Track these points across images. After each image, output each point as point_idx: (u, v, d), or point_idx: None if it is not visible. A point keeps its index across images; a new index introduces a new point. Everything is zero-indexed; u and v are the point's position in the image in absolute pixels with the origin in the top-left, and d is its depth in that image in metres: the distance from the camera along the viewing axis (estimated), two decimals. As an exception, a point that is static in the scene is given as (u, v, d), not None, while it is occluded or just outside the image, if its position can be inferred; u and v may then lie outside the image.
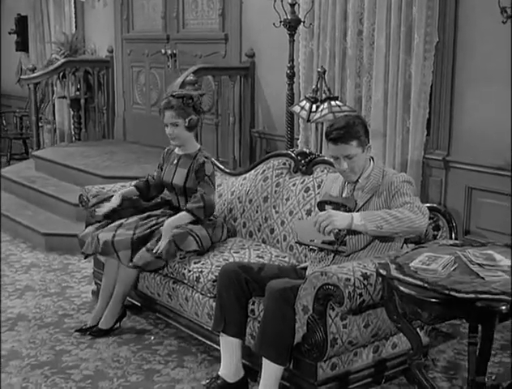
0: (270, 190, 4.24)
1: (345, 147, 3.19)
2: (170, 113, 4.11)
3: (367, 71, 5.07)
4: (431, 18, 4.64)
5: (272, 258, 3.89)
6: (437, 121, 4.76)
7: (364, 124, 3.28)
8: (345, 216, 3.03)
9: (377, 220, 2.98)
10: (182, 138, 4.18)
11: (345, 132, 3.19)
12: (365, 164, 3.29)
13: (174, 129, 4.13)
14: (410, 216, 3.00)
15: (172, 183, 4.24)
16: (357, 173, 3.28)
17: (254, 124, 6.28)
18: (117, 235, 4.05)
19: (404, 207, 3.05)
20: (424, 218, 3.03)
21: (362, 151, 3.24)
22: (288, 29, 5.18)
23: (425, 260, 2.79)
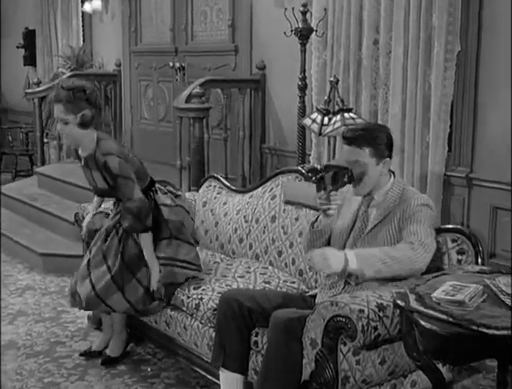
0: (279, 209, 3.93)
1: (356, 152, 2.93)
2: (59, 108, 3.52)
3: (383, 83, 4.76)
4: (452, 25, 4.33)
5: (280, 284, 3.57)
6: (458, 135, 4.44)
7: (388, 136, 3.00)
8: (339, 258, 2.77)
9: (375, 264, 2.75)
10: (75, 137, 3.60)
11: (361, 135, 2.93)
12: (381, 178, 3.00)
13: (64, 127, 3.55)
14: (410, 257, 2.78)
15: (99, 189, 3.74)
16: (367, 187, 2.99)
17: (265, 139, 5.99)
18: (95, 280, 3.59)
19: (405, 245, 2.81)
20: (426, 256, 2.82)
21: (376, 164, 2.95)
22: (299, 38, 4.90)
23: (449, 290, 2.46)
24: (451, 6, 4.30)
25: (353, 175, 2.92)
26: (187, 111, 5.25)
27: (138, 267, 3.60)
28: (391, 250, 2.82)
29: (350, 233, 3.09)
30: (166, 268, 3.60)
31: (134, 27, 7.61)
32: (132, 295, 3.57)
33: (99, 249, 3.66)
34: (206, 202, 4.43)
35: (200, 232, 4.38)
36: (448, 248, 3.07)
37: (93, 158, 3.56)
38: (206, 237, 4.33)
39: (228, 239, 4.17)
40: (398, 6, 4.54)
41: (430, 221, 2.93)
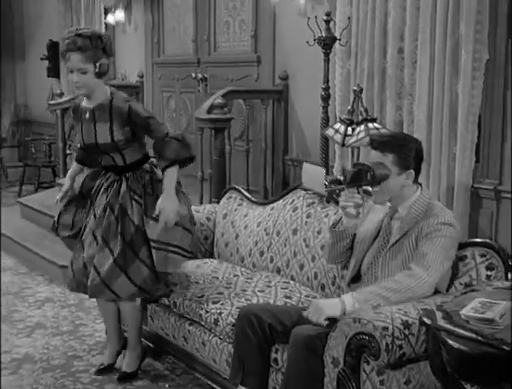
0: (300, 221, 3.82)
1: (380, 156, 2.83)
2: (77, 57, 3.36)
3: (409, 92, 4.64)
4: (480, 33, 4.20)
5: (301, 299, 3.46)
6: (487, 146, 4.30)
7: (417, 149, 2.89)
8: (335, 303, 2.69)
9: (372, 300, 2.66)
10: (91, 87, 3.47)
11: (387, 141, 2.85)
12: (405, 190, 2.89)
13: (82, 76, 3.39)
14: (409, 285, 2.69)
15: (97, 144, 3.53)
16: (385, 195, 2.90)
17: (288, 150, 5.89)
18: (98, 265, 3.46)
19: (403, 275, 2.72)
20: (428, 280, 2.72)
21: (398, 173, 2.84)
22: (322, 48, 4.80)
23: (478, 307, 2.34)
24: (479, 14, 4.18)
25: (375, 175, 2.81)
26: (208, 122, 5.17)
27: (139, 247, 3.49)
28: (390, 282, 2.72)
29: (372, 244, 2.99)
30: (159, 253, 3.50)
31: (156, 39, 7.58)
32: (137, 276, 3.46)
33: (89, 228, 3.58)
34: (226, 214, 4.34)
35: (220, 245, 4.29)
36: (476, 263, 2.95)
37: (107, 107, 3.48)
38: (227, 250, 4.24)
39: (248, 252, 4.07)
40: (424, 13, 4.43)
41: (448, 242, 2.80)
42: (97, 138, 3.51)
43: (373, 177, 2.80)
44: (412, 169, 2.87)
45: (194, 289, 3.64)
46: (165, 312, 3.70)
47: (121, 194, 3.53)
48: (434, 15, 4.39)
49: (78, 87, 3.46)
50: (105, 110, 3.48)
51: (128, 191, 3.53)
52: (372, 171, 2.80)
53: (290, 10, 5.65)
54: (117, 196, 3.54)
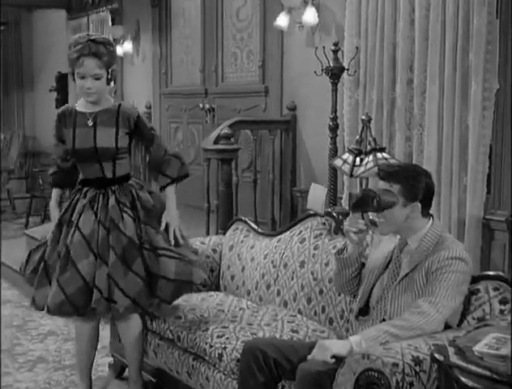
0: (308, 253, 3.74)
1: (386, 186, 2.75)
2: (93, 63, 3.32)
3: (418, 123, 4.58)
4: (490, 62, 4.15)
5: (308, 333, 3.37)
6: (498, 177, 4.22)
7: (427, 182, 2.81)
8: (341, 343, 2.61)
9: (380, 337, 2.58)
10: (101, 94, 3.43)
11: (395, 171, 2.79)
12: (414, 223, 2.80)
13: (95, 82, 3.35)
14: (418, 322, 2.61)
15: (96, 148, 3.43)
16: (388, 226, 2.83)
17: (296, 182, 5.83)
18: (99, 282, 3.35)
19: (412, 313, 2.63)
20: (438, 317, 2.64)
21: (404, 205, 2.76)
22: (330, 77, 4.75)
23: (493, 343, 2.24)
24: (489, 44, 4.13)
25: (381, 201, 2.73)
26: (215, 152, 5.12)
27: (132, 259, 3.41)
28: (398, 320, 2.63)
29: (381, 275, 2.90)
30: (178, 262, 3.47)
31: (164, 69, 7.59)
32: (131, 289, 3.38)
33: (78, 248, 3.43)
34: (232, 245, 4.26)
35: (226, 278, 4.21)
36: (490, 297, 2.85)
37: (115, 112, 3.45)
38: (233, 283, 4.15)
39: (255, 285, 3.98)
40: (433, 44, 4.38)
41: (460, 278, 2.70)
42: (97, 142, 3.43)
43: (379, 204, 2.73)
44: (419, 202, 2.79)
45: (199, 323, 3.55)
46: (169, 346, 3.61)
47: (109, 207, 3.45)
48: (443, 45, 4.35)
49: (90, 94, 3.39)
50: (112, 115, 3.45)
51: (117, 204, 3.47)
52: (378, 197, 2.73)
53: (298, 40, 5.64)
54: (105, 210, 3.46)
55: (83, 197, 3.49)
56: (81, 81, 3.38)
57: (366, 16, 4.85)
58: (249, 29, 6.35)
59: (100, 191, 3.48)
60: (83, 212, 3.44)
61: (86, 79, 3.35)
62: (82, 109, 3.48)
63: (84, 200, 3.47)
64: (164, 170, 3.54)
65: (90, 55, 3.31)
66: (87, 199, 3.47)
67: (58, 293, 3.38)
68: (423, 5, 4.44)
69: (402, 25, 4.59)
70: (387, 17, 4.69)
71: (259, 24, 6.18)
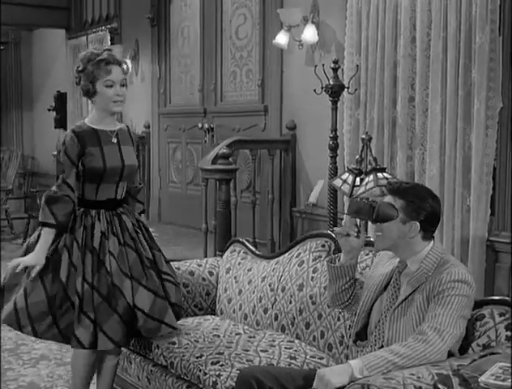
0: (306, 276, 3.62)
1: (389, 200, 2.68)
2: (119, 69, 3.26)
3: (420, 142, 4.50)
4: (493, 81, 4.08)
5: (306, 360, 3.24)
6: (502, 197, 4.14)
7: (432, 206, 2.69)
8: (342, 370, 2.46)
9: (383, 367, 2.44)
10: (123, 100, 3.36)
11: (403, 187, 2.69)
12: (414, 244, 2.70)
13: (123, 89, 3.27)
14: (422, 351, 2.47)
15: (124, 165, 3.32)
16: (383, 241, 2.73)
17: (295, 202, 5.73)
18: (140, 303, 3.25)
19: (415, 340, 2.50)
20: (442, 346, 2.49)
21: (402, 221, 2.66)
22: (330, 95, 4.68)
23: (499, 373, 2.14)
24: (492, 61, 4.07)
25: (379, 212, 2.64)
26: (213, 172, 5.04)
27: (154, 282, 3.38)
28: (401, 348, 2.50)
29: (378, 297, 2.79)
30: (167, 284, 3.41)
31: (163, 89, 7.54)
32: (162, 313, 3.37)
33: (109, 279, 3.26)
34: (229, 268, 4.15)
35: (223, 301, 4.09)
36: (495, 323, 2.72)
37: (126, 131, 3.41)
38: (230, 307, 4.03)
39: (252, 309, 3.86)
40: (435, 61, 4.32)
41: (463, 302, 2.59)
42: (124, 159, 3.32)
43: (377, 214, 2.64)
44: (419, 222, 2.69)
45: (193, 349, 3.42)
46: (162, 373, 3.48)
47: (129, 228, 3.37)
48: (445, 63, 4.29)
49: (119, 102, 3.27)
50: (126, 133, 3.41)
51: (132, 225, 3.40)
52: (378, 208, 2.64)
53: (297, 58, 5.58)
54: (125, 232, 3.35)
55: (96, 220, 3.29)
56: (109, 90, 3.22)
57: (366, 34, 4.79)
58: (249, 48, 6.30)
59: (112, 213, 3.35)
60: (108, 237, 3.28)
61: (114, 86, 3.23)
62: (100, 127, 3.33)
63: (101, 223, 3.28)
64: (141, 198, 3.59)
65: (115, 63, 3.25)
66: (103, 222, 3.29)
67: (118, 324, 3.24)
68: (424, 22, 4.38)
69: (402, 43, 4.53)
70: (388, 34, 4.63)
71: (259, 43, 6.14)
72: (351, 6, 4.90)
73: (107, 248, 3.27)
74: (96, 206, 3.31)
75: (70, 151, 3.25)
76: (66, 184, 3.28)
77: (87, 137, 3.28)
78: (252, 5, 6.24)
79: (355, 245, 2.81)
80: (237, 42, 6.45)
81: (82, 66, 3.28)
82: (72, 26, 9.27)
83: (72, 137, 3.27)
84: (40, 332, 3.26)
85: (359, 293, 2.93)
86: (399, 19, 4.56)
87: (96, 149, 3.27)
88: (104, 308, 3.22)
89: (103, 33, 8.50)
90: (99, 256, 3.26)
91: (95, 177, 3.27)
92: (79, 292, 3.20)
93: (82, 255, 3.24)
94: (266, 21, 5.98)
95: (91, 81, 3.24)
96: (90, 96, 3.30)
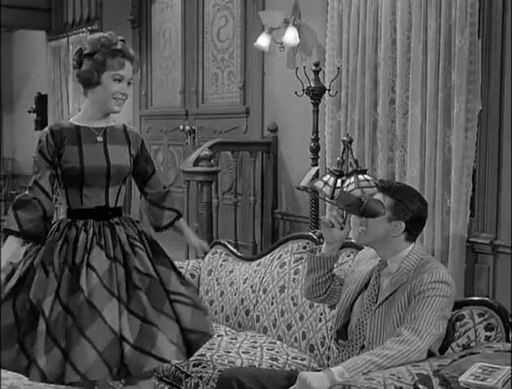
0: (288, 278, 3.63)
1: (380, 198, 2.70)
2: (131, 67, 2.91)
3: (400, 144, 4.52)
4: (473, 83, 4.10)
5: (288, 361, 3.25)
6: (482, 199, 4.16)
7: (420, 208, 2.71)
8: (323, 375, 2.44)
9: (363, 367, 2.44)
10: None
11: (393, 186, 2.71)
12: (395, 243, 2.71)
13: (129, 88, 2.95)
14: (402, 351, 2.48)
15: (109, 166, 2.91)
16: (367, 236, 2.73)
17: (277, 204, 5.74)
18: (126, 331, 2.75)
19: (394, 342, 2.51)
20: (421, 345, 2.51)
21: (388, 219, 2.68)
22: (311, 98, 4.70)
23: (479, 373, 2.15)
24: (471, 64, 4.09)
25: (367, 207, 2.66)
26: (195, 174, 5.04)
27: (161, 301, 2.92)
28: (380, 349, 2.52)
29: (358, 296, 2.81)
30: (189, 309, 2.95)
31: (144, 91, 7.51)
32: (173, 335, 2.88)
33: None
34: (211, 270, 4.15)
35: (205, 303, 4.08)
36: (475, 323, 2.75)
37: (122, 130, 3.03)
38: (211, 309, 4.03)
39: (233, 310, 3.87)
40: (415, 64, 4.34)
41: (443, 302, 2.60)
42: (110, 159, 2.92)
43: (364, 209, 2.66)
44: (404, 222, 2.71)
45: (175, 351, 3.42)
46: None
47: (122, 241, 2.92)
48: (425, 66, 4.31)
49: (122, 101, 2.93)
50: (120, 132, 3.02)
51: (127, 237, 2.96)
52: (366, 203, 2.66)
53: (278, 61, 5.58)
54: (117, 245, 2.92)
55: (83, 231, 2.89)
56: (116, 85, 2.87)
57: (347, 36, 4.81)
58: (230, 50, 6.30)
59: (103, 223, 2.94)
60: (90, 249, 2.86)
61: (122, 82, 2.89)
62: (85, 124, 2.95)
63: (87, 235, 2.89)
64: (169, 204, 3.19)
65: (129, 58, 2.91)
66: (91, 233, 2.90)
67: (89, 352, 2.72)
68: (404, 25, 4.40)
69: (383, 45, 4.55)
70: (368, 37, 4.65)
71: (240, 45, 6.13)
72: (332, 8, 4.92)
73: (85, 261, 2.83)
74: (84, 215, 2.93)
75: (45, 149, 2.90)
76: (38, 186, 2.93)
77: (65, 134, 2.91)
78: (233, 7, 6.24)
79: (338, 236, 2.81)
80: (219, 44, 6.45)
81: (90, 50, 2.89)
82: (53, 27, 9.21)
83: (47, 134, 2.92)
84: (7, 363, 2.79)
85: (336, 289, 2.94)
86: (380, 22, 4.58)
87: (74, 147, 2.90)
88: (74, 332, 2.73)
89: (84, 35, 8.43)
90: (78, 272, 2.82)
91: (74, 180, 2.90)
92: (46, 314, 2.74)
93: (59, 272, 2.81)
94: (248, 23, 5.98)
95: (97, 69, 2.87)
96: (88, 86, 2.91)
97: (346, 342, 2.80)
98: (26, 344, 2.74)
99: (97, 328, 2.73)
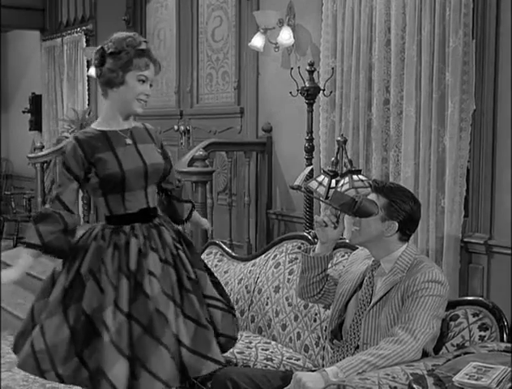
0: (283, 278, 3.64)
1: (374, 198, 2.71)
2: (153, 68, 2.85)
3: (395, 144, 4.52)
4: (467, 84, 4.11)
5: (283, 361, 3.25)
6: (476, 199, 4.16)
7: (412, 208, 2.72)
8: (318, 376, 2.45)
9: (357, 366, 2.45)
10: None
11: (387, 186, 2.73)
12: (389, 242, 2.72)
13: (150, 90, 2.87)
14: (396, 350, 2.49)
15: (146, 165, 2.85)
16: (360, 235, 2.75)
17: (271, 204, 5.74)
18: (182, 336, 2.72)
19: (388, 342, 2.52)
20: (415, 345, 2.52)
21: (382, 219, 2.69)
22: (306, 98, 4.70)
23: (473, 372, 2.16)
24: (465, 65, 4.10)
25: (361, 207, 2.67)
26: (189, 174, 5.02)
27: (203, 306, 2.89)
28: (375, 350, 2.52)
29: (352, 297, 2.81)
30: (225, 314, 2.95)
31: (139, 91, 7.48)
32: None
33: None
34: (206, 270, 4.14)
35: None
36: (469, 323, 2.76)
37: (143, 129, 2.99)
38: (206, 309, 4.03)
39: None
40: (410, 64, 4.34)
41: (437, 302, 2.61)
42: (145, 159, 2.86)
43: (358, 208, 2.66)
44: (397, 222, 2.71)
45: (170, 351, 3.42)
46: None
47: (168, 242, 2.88)
48: (419, 66, 4.31)
49: (143, 103, 2.85)
50: (144, 131, 2.98)
51: (172, 239, 2.92)
52: (360, 202, 2.66)
53: (273, 61, 5.58)
54: (165, 247, 2.87)
55: (132, 236, 2.82)
56: (140, 85, 2.80)
57: (342, 37, 4.81)
58: (225, 50, 6.29)
59: (149, 225, 2.88)
60: (146, 255, 2.80)
61: (146, 83, 2.82)
62: (110, 128, 2.87)
63: (138, 240, 2.81)
64: (185, 196, 3.20)
65: (152, 60, 2.85)
66: (142, 238, 2.83)
67: (167, 359, 2.68)
68: (399, 25, 4.41)
69: (377, 46, 4.55)
70: (363, 38, 4.65)
71: (235, 45, 6.12)
72: (326, 9, 4.92)
73: (145, 268, 2.76)
74: (129, 220, 2.85)
75: (71, 162, 2.79)
76: (59, 200, 2.79)
77: (94, 142, 2.81)
78: (228, 7, 6.23)
79: (331, 236, 2.82)
80: (213, 44, 6.44)
81: (115, 49, 2.80)
82: (47, 27, 9.20)
83: (74, 146, 2.80)
84: (67, 377, 2.70)
85: (330, 289, 2.94)
86: (374, 23, 4.58)
87: (108, 154, 2.80)
88: (148, 341, 2.67)
89: (78, 35, 8.45)
90: (136, 279, 2.75)
91: (115, 186, 2.80)
92: (109, 325, 2.66)
93: (115, 281, 2.73)
94: (242, 23, 5.97)
95: (122, 69, 2.78)
96: (110, 86, 2.82)
97: (340, 342, 2.81)
98: (85, 357, 2.67)
99: (169, 335, 2.69)
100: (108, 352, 2.62)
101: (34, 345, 2.71)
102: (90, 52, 7.90)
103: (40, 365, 2.70)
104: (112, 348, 2.63)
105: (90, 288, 2.73)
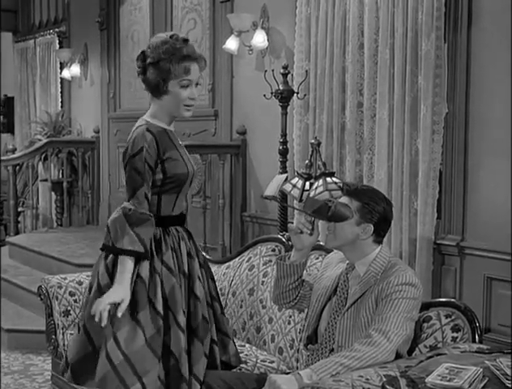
0: (257, 281, 3.64)
1: (346, 201, 2.71)
2: (197, 67, 2.71)
3: (368, 147, 4.54)
4: (439, 87, 4.14)
5: (257, 364, 3.26)
6: (448, 201, 4.19)
7: (385, 209, 2.74)
8: (292, 378, 2.46)
9: (331, 368, 2.46)
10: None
11: (359, 189, 2.73)
12: (363, 246, 2.73)
13: (197, 89, 2.76)
14: (370, 352, 2.50)
15: (194, 171, 2.82)
16: (335, 240, 2.75)
17: (246, 207, 5.74)
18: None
19: (361, 343, 2.53)
20: (389, 346, 2.53)
21: (356, 223, 2.70)
22: (280, 101, 4.70)
23: (445, 374, 2.17)
24: (437, 68, 4.13)
25: (335, 211, 2.66)
26: (163, 177, 4.99)
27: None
28: (349, 352, 2.53)
29: (328, 301, 2.81)
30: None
31: (112, 93, 7.46)
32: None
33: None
34: (180, 273, 4.13)
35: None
36: (442, 324, 2.78)
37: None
38: (180, 312, 4.02)
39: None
40: (383, 67, 4.37)
41: (410, 304, 2.63)
42: (192, 164, 2.82)
43: (333, 213, 2.66)
44: (372, 225, 2.73)
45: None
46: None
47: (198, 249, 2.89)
48: (392, 70, 4.34)
49: (191, 107, 2.76)
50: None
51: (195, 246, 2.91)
52: (334, 207, 2.66)
53: (247, 64, 5.58)
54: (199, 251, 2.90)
55: (180, 239, 2.79)
56: (184, 91, 2.70)
57: (316, 40, 4.82)
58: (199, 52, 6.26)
59: (186, 229, 2.88)
60: (193, 258, 2.82)
61: (190, 86, 2.71)
62: (169, 127, 2.80)
63: (185, 243, 2.80)
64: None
65: (194, 59, 2.70)
66: (188, 241, 2.83)
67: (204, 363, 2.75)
68: (372, 28, 4.43)
69: (351, 49, 4.57)
70: (336, 40, 4.67)
71: (209, 48, 6.11)
72: (300, 12, 4.93)
73: (195, 270, 2.78)
74: (173, 222, 2.79)
75: (149, 156, 2.65)
76: (148, 200, 2.63)
77: (163, 138, 2.72)
78: (202, 10, 6.22)
79: (307, 243, 2.81)
80: (187, 47, 6.42)
81: (154, 59, 2.68)
82: (19, 29, 9.13)
83: (152, 139, 2.67)
84: (153, 387, 2.64)
85: (306, 294, 2.94)
86: (348, 26, 4.60)
87: (176, 152, 2.72)
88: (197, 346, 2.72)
89: (51, 37, 8.39)
90: (189, 282, 2.77)
91: (176, 186, 2.72)
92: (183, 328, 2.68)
93: (179, 281, 2.72)
94: (217, 26, 5.97)
95: (163, 78, 2.68)
96: (157, 95, 2.74)
97: (315, 346, 2.81)
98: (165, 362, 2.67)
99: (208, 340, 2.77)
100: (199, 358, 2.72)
101: (112, 359, 2.58)
102: (63, 54, 7.87)
103: (124, 379, 2.59)
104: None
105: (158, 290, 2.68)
